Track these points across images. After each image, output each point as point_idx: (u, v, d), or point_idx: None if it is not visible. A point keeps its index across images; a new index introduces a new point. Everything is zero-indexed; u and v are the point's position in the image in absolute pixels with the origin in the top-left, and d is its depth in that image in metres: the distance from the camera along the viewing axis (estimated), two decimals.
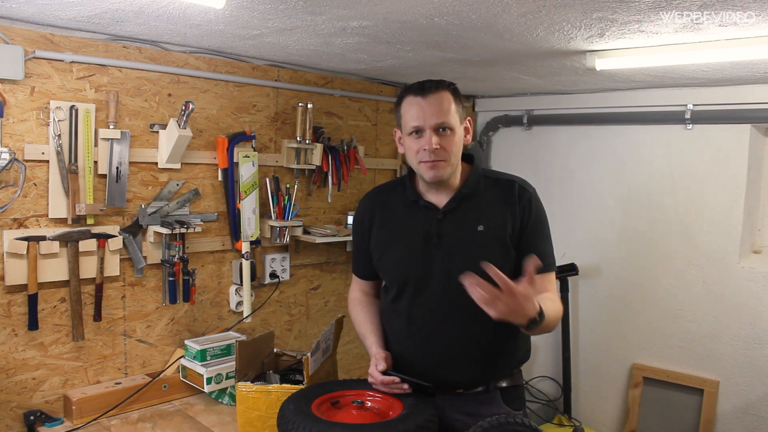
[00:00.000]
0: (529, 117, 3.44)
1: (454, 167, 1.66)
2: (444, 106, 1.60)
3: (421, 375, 1.67)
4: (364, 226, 1.82)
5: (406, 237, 1.73)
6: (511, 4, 1.62)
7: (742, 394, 2.86)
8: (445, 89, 1.62)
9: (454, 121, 1.61)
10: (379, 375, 1.66)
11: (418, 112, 1.60)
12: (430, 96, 1.59)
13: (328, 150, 2.83)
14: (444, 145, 1.60)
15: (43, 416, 2.07)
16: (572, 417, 3.29)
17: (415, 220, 1.72)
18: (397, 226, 1.76)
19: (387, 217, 1.78)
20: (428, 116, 1.59)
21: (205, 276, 2.52)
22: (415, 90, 1.62)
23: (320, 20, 1.85)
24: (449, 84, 1.64)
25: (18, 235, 1.99)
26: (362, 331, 1.84)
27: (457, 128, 1.62)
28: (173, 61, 2.33)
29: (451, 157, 1.62)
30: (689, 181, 2.95)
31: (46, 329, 2.10)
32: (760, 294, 2.79)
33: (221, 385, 2.25)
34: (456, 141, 1.62)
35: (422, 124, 1.60)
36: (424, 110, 1.59)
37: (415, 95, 1.61)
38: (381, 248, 1.78)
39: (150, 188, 2.32)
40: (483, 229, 1.65)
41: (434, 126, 1.59)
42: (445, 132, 1.60)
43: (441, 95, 1.60)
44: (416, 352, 1.71)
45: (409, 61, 2.48)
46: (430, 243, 1.68)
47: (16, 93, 1.98)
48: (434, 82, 1.62)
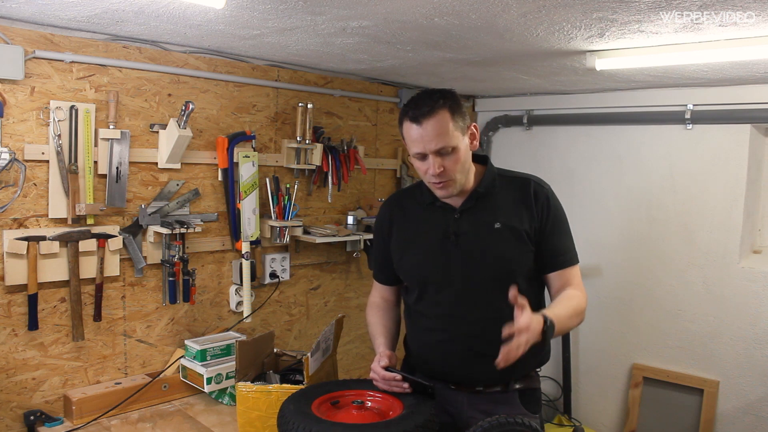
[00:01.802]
0: (529, 117, 3.44)
1: (463, 179, 1.67)
2: (442, 129, 1.57)
3: (442, 372, 1.73)
4: (383, 230, 1.86)
5: (424, 238, 1.75)
6: (511, 4, 1.62)
7: (742, 394, 2.86)
8: (440, 109, 1.57)
9: (455, 141, 1.59)
10: (381, 370, 1.67)
11: (417, 139, 1.59)
12: (425, 122, 1.57)
13: (328, 150, 2.84)
14: (447, 166, 1.60)
15: (43, 416, 2.07)
16: (572, 417, 3.29)
17: (432, 221, 1.75)
18: (416, 227, 1.78)
19: (405, 219, 1.81)
20: (427, 142, 1.58)
21: (205, 276, 2.52)
22: (411, 116, 1.59)
23: (320, 20, 1.85)
24: (445, 100, 1.59)
25: (18, 235, 1.99)
26: (373, 332, 1.87)
27: (459, 145, 1.60)
28: (173, 61, 2.33)
29: (456, 174, 1.63)
30: (689, 181, 2.95)
31: (46, 329, 2.10)
32: (760, 294, 2.79)
33: (221, 385, 2.25)
34: (460, 157, 1.62)
35: (423, 150, 1.60)
36: (422, 137, 1.58)
37: (411, 122, 1.59)
38: (400, 250, 1.80)
39: (150, 188, 2.32)
40: (500, 226, 1.68)
41: (434, 151, 1.59)
42: (447, 154, 1.60)
43: (437, 118, 1.56)
44: (437, 349, 1.74)
45: (409, 61, 2.48)
46: (448, 242, 1.70)
47: (16, 93, 1.98)
48: (428, 104, 1.57)
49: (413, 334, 1.84)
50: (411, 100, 1.63)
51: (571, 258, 1.74)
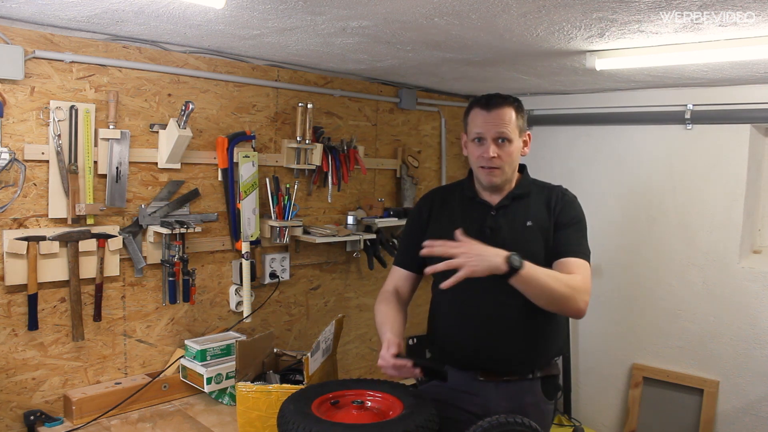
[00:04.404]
0: (529, 117, 3.44)
1: (508, 175, 1.84)
2: (505, 119, 1.77)
3: (470, 360, 1.84)
4: (423, 216, 1.98)
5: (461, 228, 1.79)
6: (511, 4, 1.62)
7: (742, 394, 2.86)
8: (509, 105, 1.79)
9: (513, 133, 1.79)
10: (391, 358, 1.65)
11: (482, 123, 1.79)
12: (493, 110, 1.78)
13: (328, 150, 2.84)
14: (501, 154, 1.78)
15: (43, 416, 2.07)
16: (572, 417, 3.29)
17: (470, 215, 1.89)
18: (454, 219, 1.90)
19: (444, 210, 1.95)
20: (490, 127, 1.77)
21: (205, 276, 2.52)
22: (482, 104, 1.80)
23: (320, 20, 1.85)
24: (514, 100, 1.82)
25: (18, 235, 1.99)
26: (381, 320, 1.86)
27: (515, 140, 1.80)
28: (173, 61, 2.33)
29: (506, 165, 1.80)
30: (689, 181, 2.96)
31: (46, 329, 2.10)
32: (760, 294, 2.79)
33: (221, 385, 2.25)
34: (513, 151, 1.80)
35: (484, 132, 1.78)
36: (487, 121, 1.78)
37: (481, 108, 1.80)
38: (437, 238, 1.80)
39: (150, 188, 2.32)
40: (531, 225, 1.83)
41: (494, 136, 1.77)
42: (504, 142, 1.78)
43: (504, 109, 1.78)
44: (467, 337, 1.84)
45: (409, 61, 2.49)
46: (483, 235, 1.79)
47: (16, 93, 1.98)
48: (500, 97, 1.80)
49: (441, 322, 1.92)
50: (483, 96, 1.82)
51: (578, 251, 1.80)
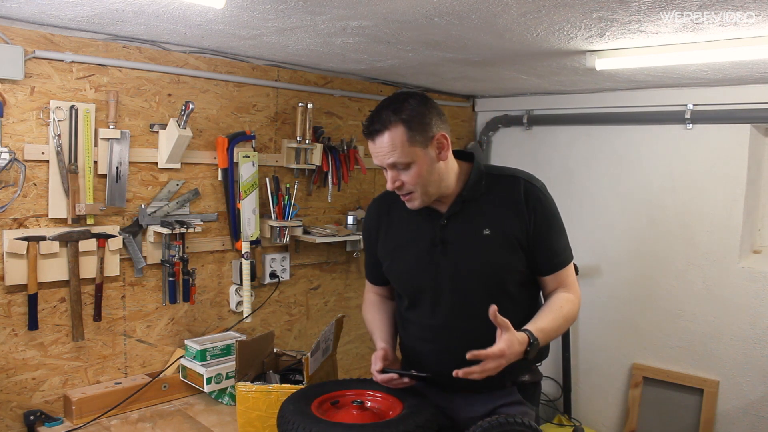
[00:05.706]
0: (529, 117, 3.45)
1: (432, 189, 1.61)
2: (393, 144, 1.53)
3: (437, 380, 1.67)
4: (372, 234, 1.83)
5: (411, 245, 1.71)
6: (511, 4, 1.62)
7: (742, 394, 2.86)
8: (393, 125, 1.53)
9: (410, 156, 1.54)
10: (378, 375, 1.67)
11: (373, 153, 1.60)
12: (377, 139, 1.55)
13: (328, 150, 2.84)
14: (405, 180, 1.58)
15: (43, 416, 2.07)
16: (572, 417, 3.29)
17: (419, 227, 1.69)
18: (403, 233, 1.74)
19: (393, 224, 1.77)
20: (380, 157, 1.57)
21: (205, 276, 2.52)
22: (366, 132, 1.59)
23: (320, 20, 1.85)
24: (399, 115, 1.54)
25: (18, 235, 1.99)
26: (371, 328, 1.86)
27: (415, 159, 1.55)
28: (173, 61, 2.33)
29: (418, 187, 1.59)
30: (689, 181, 2.96)
31: (46, 329, 2.10)
32: (760, 294, 2.79)
33: (221, 385, 2.25)
34: (420, 172, 1.56)
35: (380, 163, 1.60)
36: (375, 152, 1.58)
37: (366, 137, 1.60)
38: (389, 257, 1.77)
39: (150, 188, 2.32)
40: (489, 233, 1.61)
41: (388, 165, 1.58)
42: (403, 169, 1.57)
43: (386, 135, 1.53)
44: (433, 358, 1.70)
45: (409, 61, 2.48)
46: (435, 251, 1.65)
47: (16, 93, 1.98)
48: (381, 121, 1.54)
49: (407, 342, 1.80)
50: (371, 113, 1.60)
51: (566, 258, 1.68)
